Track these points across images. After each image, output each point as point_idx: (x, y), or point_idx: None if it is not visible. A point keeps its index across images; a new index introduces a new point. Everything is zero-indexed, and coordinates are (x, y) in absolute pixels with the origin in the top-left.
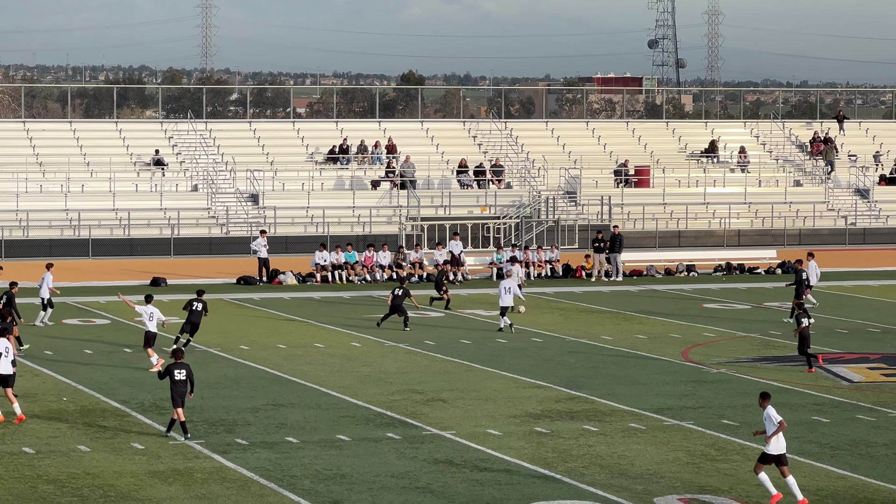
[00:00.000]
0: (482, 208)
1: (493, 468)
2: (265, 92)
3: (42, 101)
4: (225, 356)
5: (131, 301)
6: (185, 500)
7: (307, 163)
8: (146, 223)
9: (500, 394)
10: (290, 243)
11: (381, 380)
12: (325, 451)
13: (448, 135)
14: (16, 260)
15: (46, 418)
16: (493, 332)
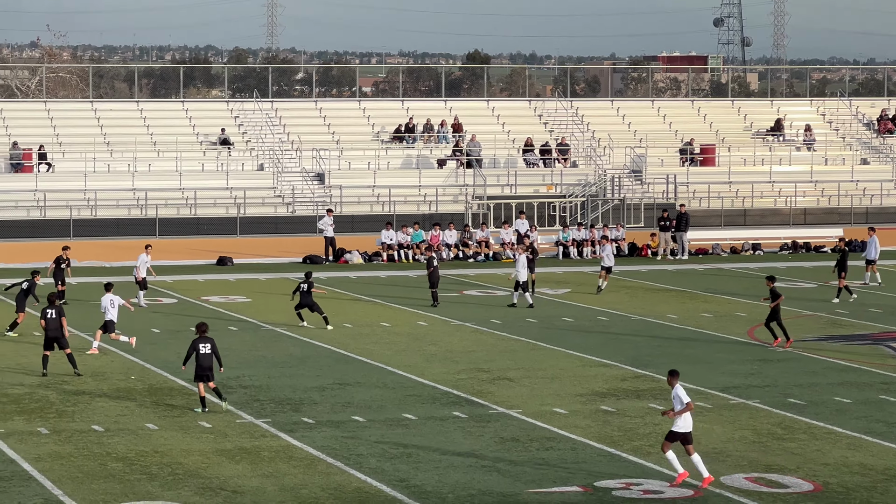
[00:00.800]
0: (548, 187)
1: (559, 447)
2: (331, 71)
3: (109, 82)
4: (291, 335)
5: (129, 303)
6: (252, 478)
7: (373, 142)
8: (212, 202)
9: (565, 372)
10: (356, 222)
11: (447, 359)
12: (392, 429)
13: (514, 114)
14: (84, 239)
15: (115, 397)
16: (560, 310)
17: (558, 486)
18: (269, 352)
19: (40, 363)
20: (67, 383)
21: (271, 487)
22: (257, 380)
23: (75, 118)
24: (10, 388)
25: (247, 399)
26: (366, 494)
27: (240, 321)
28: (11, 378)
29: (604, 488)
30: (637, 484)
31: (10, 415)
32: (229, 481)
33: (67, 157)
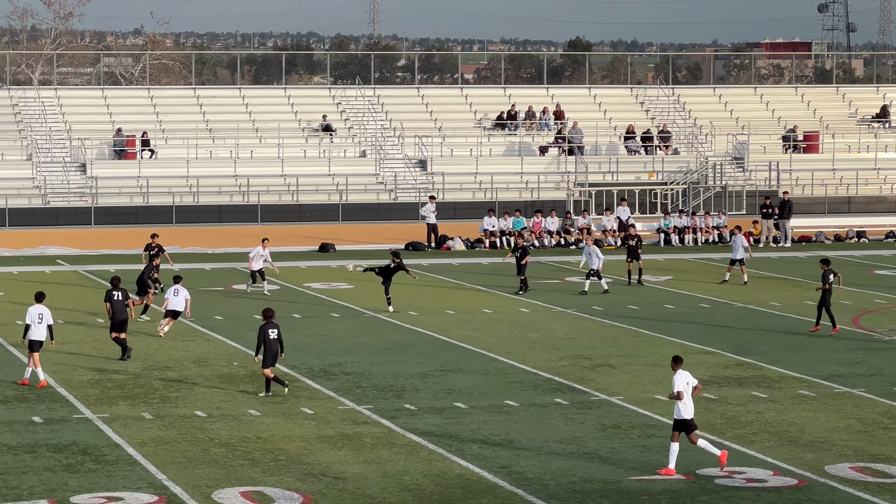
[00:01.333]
0: (649, 174)
1: (661, 434)
2: (433, 58)
3: (211, 68)
4: (393, 322)
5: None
6: (354, 464)
7: (475, 129)
8: (315, 189)
9: (667, 360)
10: (458, 209)
11: (549, 345)
12: (494, 416)
13: (615, 101)
14: (186, 226)
15: (217, 383)
16: (661, 297)
17: None
18: (372, 338)
19: (145, 349)
20: (171, 369)
21: (373, 474)
22: (359, 366)
23: (178, 105)
24: (115, 373)
25: (349, 385)
26: (467, 481)
27: (342, 308)
28: (116, 364)
29: (706, 476)
30: (740, 472)
31: (115, 400)
32: (331, 467)
33: (170, 144)
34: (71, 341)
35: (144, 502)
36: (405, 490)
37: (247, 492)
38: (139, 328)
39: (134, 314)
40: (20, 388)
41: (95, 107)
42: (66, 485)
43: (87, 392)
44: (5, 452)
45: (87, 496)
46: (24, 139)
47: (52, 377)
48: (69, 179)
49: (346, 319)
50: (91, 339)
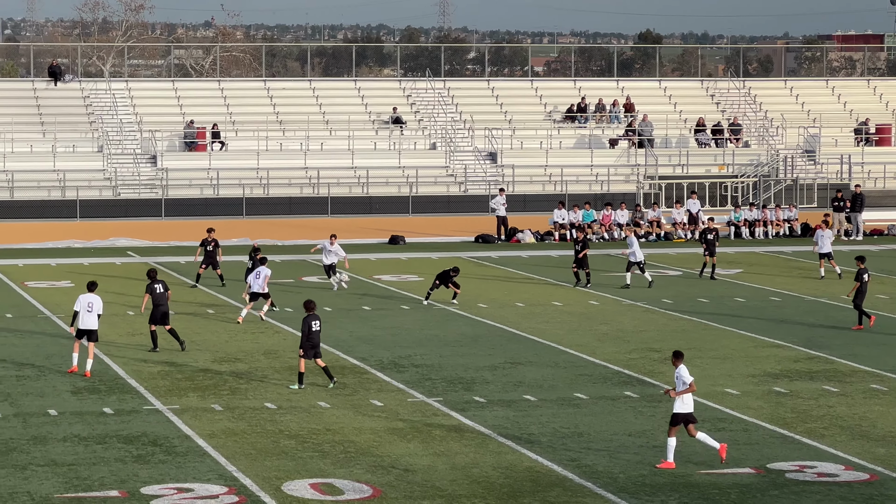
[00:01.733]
0: (720, 167)
1: (730, 428)
2: (503, 50)
3: (282, 60)
4: (463, 314)
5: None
6: (424, 456)
7: (545, 121)
8: (384, 181)
9: (737, 353)
10: (528, 201)
11: (618, 338)
12: (563, 409)
13: (686, 93)
14: (255, 218)
15: (287, 375)
16: (732, 290)
17: (730, 467)
18: (441, 331)
19: (215, 340)
20: (241, 361)
21: (442, 466)
22: (429, 359)
23: (248, 97)
24: (185, 365)
25: (419, 378)
26: (537, 473)
27: (412, 300)
28: (186, 356)
29: (777, 470)
30: (811, 466)
31: (185, 391)
32: (401, 460)
33: (240, 136)
34: (141, 332)
35: (214, 493)
36: (474, 482)
37: (316, 483)
38: (212, 319)
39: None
40: (90, 379)
41: (166, 99)
42: (136, 476)
43: (157, 383)
44: (77, 443)
45: (157, 487)
46: (95, 131)
47: (122, 368)
48: (140, 171)
49: (416, 312)
50: (162, 330)
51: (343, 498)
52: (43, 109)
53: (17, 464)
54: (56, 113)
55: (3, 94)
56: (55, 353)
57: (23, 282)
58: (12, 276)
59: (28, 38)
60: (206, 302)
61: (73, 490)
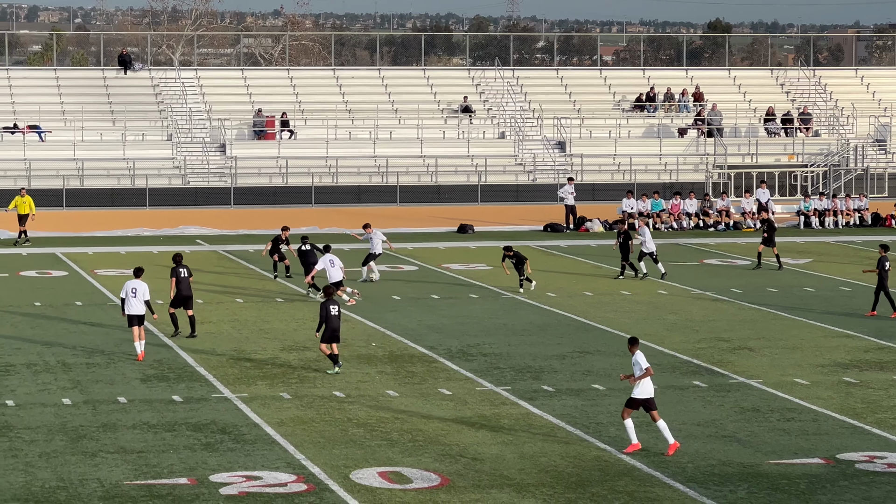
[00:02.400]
0: (789, 156)
1: (800, 418)
2: (571, 39)
3: (351, 49)
4: (532, 303)
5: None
6: (492, 445)
7: (614, 110)
8: (453, 170)
9: (807, 343)
10: (596, 190)
11: (687, 327)
12: None
13: (755, 82)
14: (324, 206)
15: (356, 363)
16: (801, 280)
17: (800, 457)
18: (510, 319)
19: (283, 329)
20: (309, 349)
21: (511, 455)
22: (497, 347)
23: (317, 85)
24: (254, 353)
25: (487, 367)
26: (605, 463)
27: (480, 289)
28: (254, 344)
29: (846, 461)
30: (881, 457)
31: (254, 379)
32: (469, 448)
33: (309, 125)
34: (210, 321)
35: (283, 481)
36: (542, 471)
37: (385, 472)
38: (281, 307)
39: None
40: (160, 366)
41: (235, 87)
42: (205, 463)
43: (225, 371)
44: (146, 430)
45: (226, 475)
46: (165, 119)
47: (190, 356)
48: (209, 159)
49: (485, 300)
50: (230, 318)
51: (411, 486)
52: (113, 98)
53: (87, 451)
54: (126, 101)
55: (74, 83)
56: (125, 341)
57: (92, 270)
58: (82, 264)
59: (98, 27)
60: (275, 290)
61: (143, 477)
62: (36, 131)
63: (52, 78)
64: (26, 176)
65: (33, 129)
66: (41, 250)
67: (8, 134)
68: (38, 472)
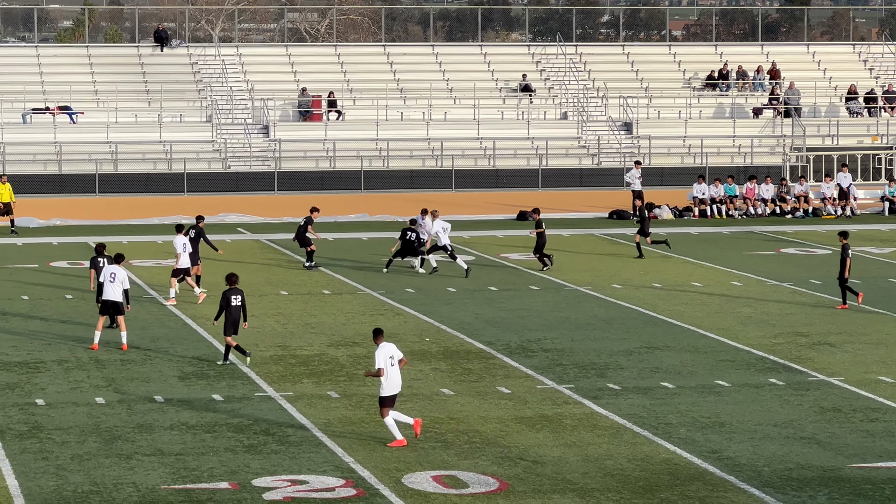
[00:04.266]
0: (873, 138)
1: (885, 418)
2: (639, 13)
3: (402, 24)
4: (596, 295)
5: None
6: (554, 447)
7: (684, 89)
8: (512, 153)
9: (892, 338)
10: (665, 175)
11: (763, 321)
12: (703, 397)
13: (836, 59)
14: (375, 192)
15: (409, 360)
16: (886, 270)
17: (884, 460)
18: (573, 313)
19: (331, 323)
20: (359, 345)
21: (574, 458)
22: (560, 343)
23: (367, 63)
24: (299, 349)
25: (548, 363)
26: (675, 466)
27: (541, 280)
28: (300, 339)
29: None
30: None
31: (300, 377)
32: (529, 450)
33: (358, 105)
34: (253, 315)
35: (330, 486)
36: (608, 475)
37: (439, 476)
38: (327, 300)
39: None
40: (199, 363)
41: (279, 65)
42: (247, 466)
43: (269, 369)
44: (184, 431)
45: (269, 479)
46: (204, 100)
47: (232, 353)
48: (251, 142)
49: (546, 293)
50: (274, 312)
51: (468, 491)
52: (148, 77)
53: (121, 453)
54: (162, 80)
55: (107, 61)
56: (161, 336)
57: (127, 260)
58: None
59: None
60: (322, 282)
61: (181, 481)
62: (67, 112)
63: (84, 56)
64: (57, 161)
65: (64, 110)
66: (72, 239)
67: (38, 115)
68: (71, 475)
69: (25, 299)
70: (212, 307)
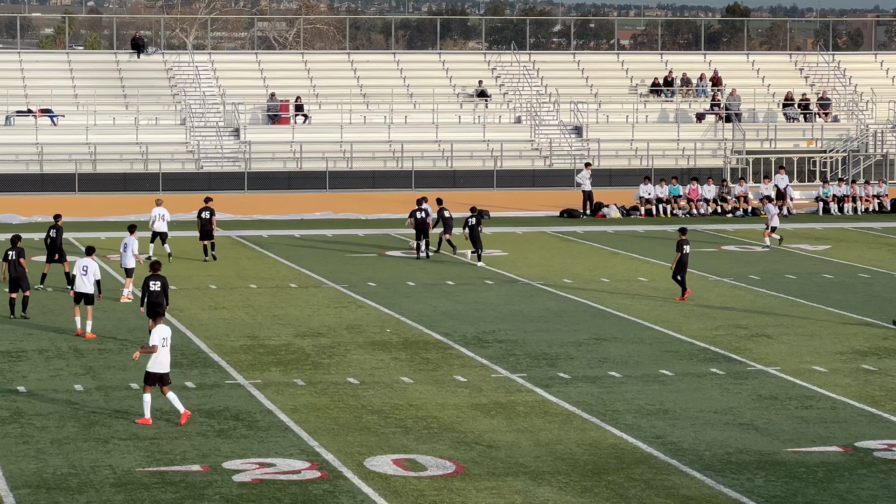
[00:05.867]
0: (808, 142)
1: (818, 405)
2: (589, 23)
3: (365, 33)
4: (548, 289)
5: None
6: (507, 433)
7: (631, 95)
8: (469, 155)
9: (825, 330)
10: (613, 176)
11: (704, 314)
12: (648, 385)
13: (774, 67)
14: (339, 191)
15: (370, 350)
16: (819, 266)
17: (818, 445)
18: (525, 306)
19: (297, 315)
20: (323, 335)
21: (526, 442)
22: (513, 334)
23: (332, 70)
24: (267, 339)
25: (502, 353)
26: (622, 451)
27: (496, 275)
28: (268, 330)
29: (864, 449)
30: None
31: (268, 366)
32: (484, 436)
33: (324, 109)
34: (224, 307)
35: (296, 468)
36: (558, 459)
37: (399, 459)
38: (296, 297)
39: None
40: (173, 352)
41: (249, 71)
42: (218, 450)
43: (239, 358)
44: (158, 417)
45: (239, 462)
46: (178, 104)
47: (204, 343)
48: (222, 144)
49: (500, 287)
50: (243, 304)
51: (426, 474)
52: (126, 82)
53: (99, 437)
54: (139, 85)
55: (86, 67)
56: (137, 327)
57: (105, 255)
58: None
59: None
60: (289, 276)
61: (155, 464)
62: (48, 115)
63: (65, 61)
64: (38, 160)
65: (46, 112)
66: None
67: (20, 117)
68: (50, 458)
69: (6, 291)
70: (186, 300)
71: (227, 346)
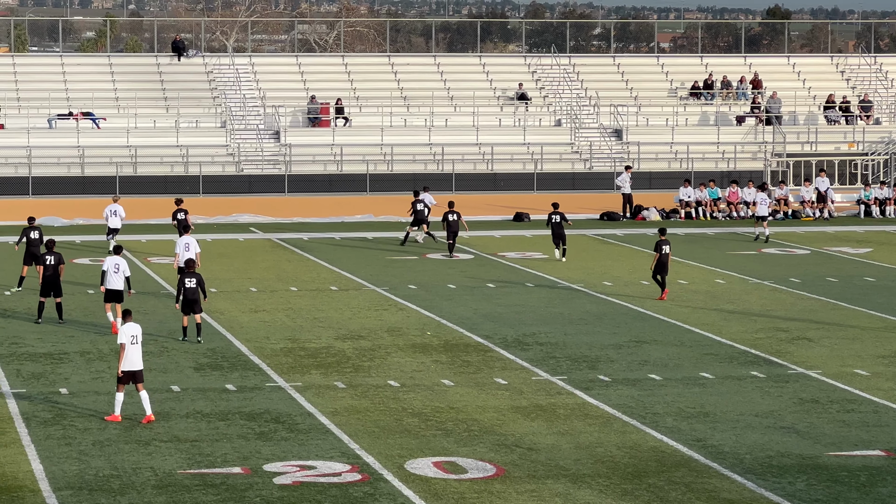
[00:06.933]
0: (849, 145)
1: (860, 409)
2: (629, 26)
3: (406, 36)
4: (588, 292)
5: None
6: (547, 435)
7: (671, 98)
8: (509, 158)
9: (867, 333)
10: (653, 179)
11: (745, 317)
12: (688, 388)
13: (815, 70)
14: (379, 194)
15: (411, 352)
16: (861, 269)
17: (860, 449)
18: (566, 309)
19: (338, 318)
20: (364, 338)
21: (566, 445)
22: (553, 336)
23: (372, 72)
24: (308, 342)
25: (543, 356)
26: (662, 454)
27: (536, 277)
28: (309, 332)
29: None
30: None
31: (308, 368)
32: (524, 438)
33: (364, 112)
34: (264, 309)
35: (337, 471)
36: (598, 462)
37: (440, 462)
38: (335, 296)
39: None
40: (213, 354)
41: (289, 74)
42: (258, 452)
43: (280, 360)
44: (199, 419)
45: (279, 464)
46: (219, 106)
47: (244, 345)
48: (263, 147)
49: (541, 289)
50: (284, 307)
51: (466, 476)
52: (166, 84)
53: (140, 439)
54: (179, 88)
55: (127, 70)
56: (178, 330)
57: (146, 258)
58: (136, 251)
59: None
60: (330, 279)
61: (196, 466)
62: (90, 118)
63: (106, 64)
64: (80, 163)
65: (87, 115)
66: (94, 238)
67: (62, 121)
68: (92, 460)
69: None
70: (227, 303)
71: (268, 348)
